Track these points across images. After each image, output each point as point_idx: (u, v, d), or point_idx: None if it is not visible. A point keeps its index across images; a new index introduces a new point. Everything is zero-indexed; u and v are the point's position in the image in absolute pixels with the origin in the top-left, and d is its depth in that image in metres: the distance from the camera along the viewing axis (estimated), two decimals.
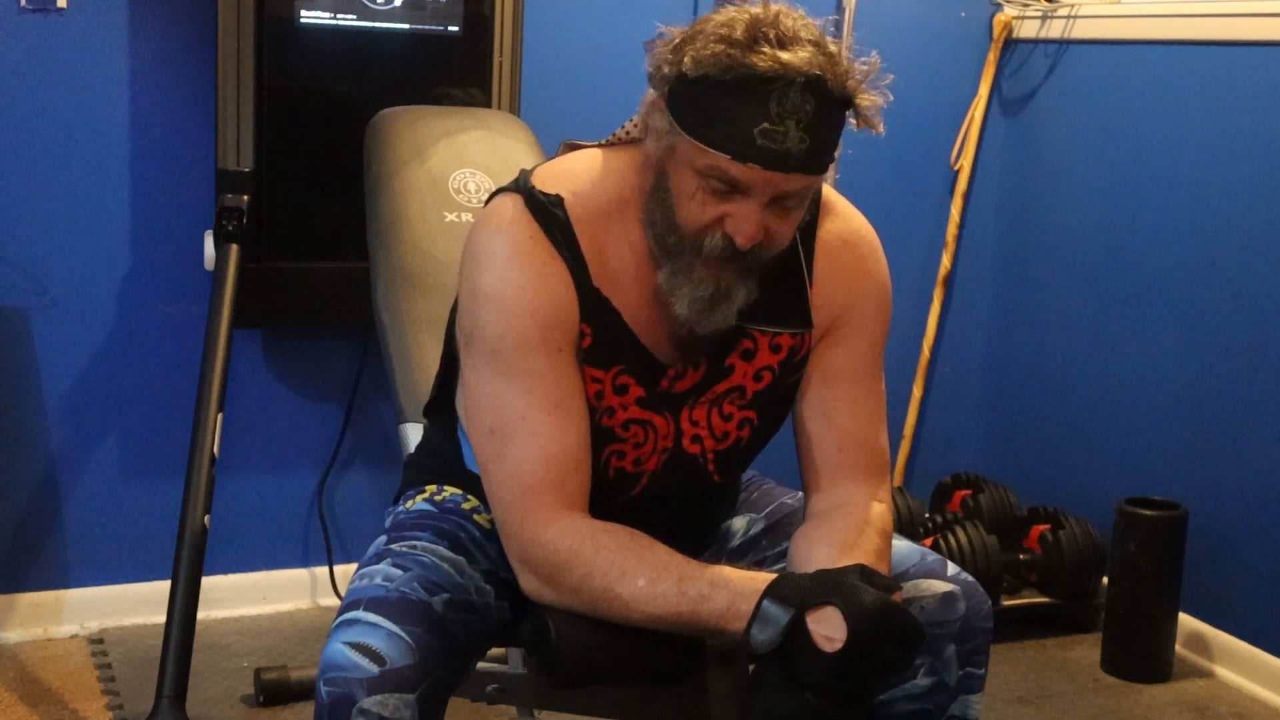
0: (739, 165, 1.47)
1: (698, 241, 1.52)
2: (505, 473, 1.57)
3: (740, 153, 1.46)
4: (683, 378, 1.65)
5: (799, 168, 1.48)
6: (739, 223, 1.50)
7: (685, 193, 1.52)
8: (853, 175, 3.26)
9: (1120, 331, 3.23)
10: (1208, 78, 3.01)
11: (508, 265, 1.57)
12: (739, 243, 1.51)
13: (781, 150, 1.46)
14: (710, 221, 1.51)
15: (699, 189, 1.51)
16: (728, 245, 1.52)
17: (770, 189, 1.49)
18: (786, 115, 1.46)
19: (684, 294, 1.55)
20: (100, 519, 2.93)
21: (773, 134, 1.46)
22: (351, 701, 1.43)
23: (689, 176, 1.51)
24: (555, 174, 1.63)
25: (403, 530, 1.67)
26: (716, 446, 1.68)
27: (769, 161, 1.47)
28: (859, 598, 1.42)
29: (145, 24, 2.81)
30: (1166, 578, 2.93)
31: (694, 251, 1.53)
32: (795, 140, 1.46)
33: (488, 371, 1.58)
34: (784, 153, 1.46)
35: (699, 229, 1.52)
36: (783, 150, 1.46)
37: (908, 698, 1.63)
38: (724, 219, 1.51)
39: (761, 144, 1.46)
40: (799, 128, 1.46)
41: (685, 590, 1.49)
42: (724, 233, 1.51)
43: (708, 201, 1.51)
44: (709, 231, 1.52)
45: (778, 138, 1.46)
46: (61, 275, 2.83)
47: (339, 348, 3.03)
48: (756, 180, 1.48)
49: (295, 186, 2.78)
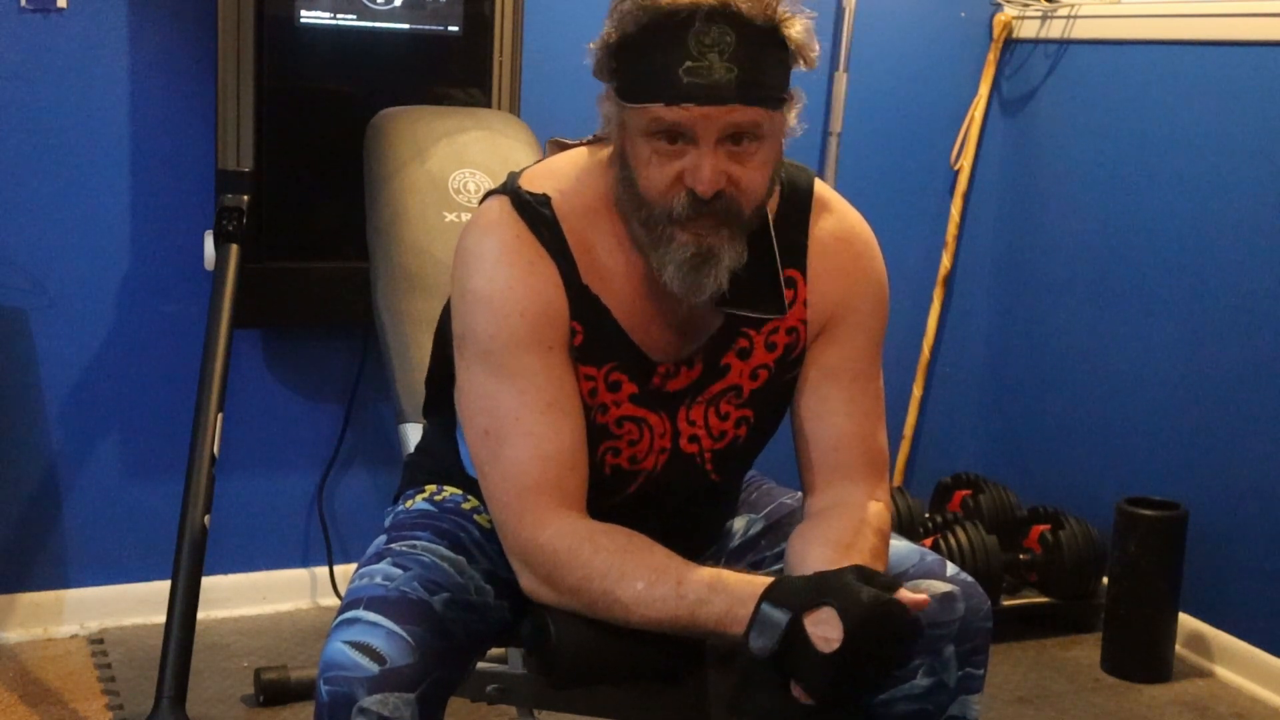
0: (673, 109, 1.47)
1: (665, 205, 1.52)
2: (501, 473, 1.57)
3: (670, 95, 1.46)
4: (675, 376, 1.65)
5: (733, 98, 1.47)
6: (695, 172, 1.50)
7: (641, 160, 1.51)
8: (853, 175, 3.26)
9: (1120, 331, 3.23)
10: (1208, 78, 3.01)
11: (496, 266, 1.57)
12: (700, 191, 1.49)
13: (709, 83, 1.46)
14: (670, 182, 1.51)
15: (652, 153, 1.51)
16: (693, 199, 1.51)
17: (712, 126, 1.48)
18: (707, 49, 1.46)
19: (669, 264, 1.54)
20: (100, 519, 2.94)
21: (696, 69, 1.46)
22: (352, 701, 1.43)
23: (640, 144, 1.51)
24: (542, 174, 1.63)
25: (403, 530, 1.67)
26: (714, 446, 1.68)
27: (699, 97, 1.46)
28: (855, 597, 1.42)
29: (145, 24, 2.81)
30: (1166, 578, 2.93)
31: (665, 218, 1.52)
32: (721, 71, 1.46)
33: (480, 373, 1.58)
34: (712, 84, 1.46)
35: (661, 192, 1.51)
36: (710, 83, 1.46)
37: (907, 698, 1.63)
38: (682, 175, 1.50)
39: (688, 82, 1.46)
40: (723, 58, 1.46)
41: (683, 594, 1.49)
42: (686, 188, 1.51)
43: (663, 163, 1.50)
44: (672, 192, 1.51)
45: (702, 72, 1.46)
46: (61, 275, 2.83)
47: (339, 348, 3.03)
48: (694, 120, 1.47)
49: (295, 186, 2.79)
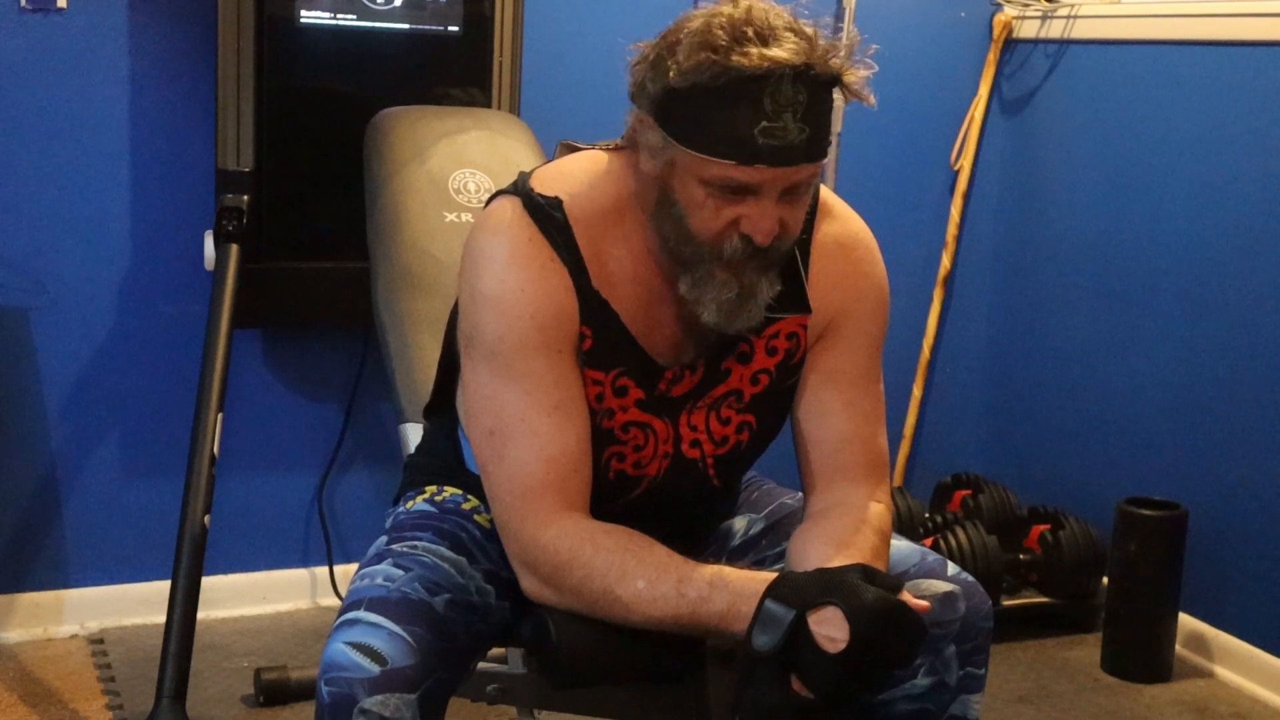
0: (745, 169, 1.47)
1: (716, 247, 1.52)
2: (505, 474, 1.57)
3: (745, 156, 1.46)
4: (680, 381, 1.65)
5: (803, 158, 1.48)
6: (755, 222, 1.50)
7: (694, 203, 1.51)
8: (853, 175, 3.26)
9: (1120, 331, 3.23)
10: (1208, 78, 3.01)
11: (507, 268, 1.56)
12: (758, 241, 1.51)
13: (784, 145, 1.46)
14: (725, 226, 1.51)
15: (708, 197, 1.50)
16: (747, 245, 1.51)
17: (779, 184, 1.49)
18: (782, 110, 1.46)
19: (710, 299, 1.54)
20: (100, 519, 2.93)
21: (772, 130, 1.46)
22: (353, 701, 1.43)
23: (695, 187, 1.50)
24: (554, 176, 1.63)
25: (403, 531, 1.67)
26: (716, 451, 1.68)
27: (774, 159, 1.47)
28: (860, 596, 1.42)
29: (145, 24, 2.81)
30: (1166, 578, 2.93)
31: (714, 258, 1.53)
32: (795, 132, 1.47)
33: (487, 373, 1.58)
34: (786, 147, 1.47)
35: (715, 234, 1.52)
36: (785, 145, 1.46)
37: (908, 698, 1.63)
38: (738, 221, 1.51)
39: (764, 143, 1.46)
40: (796, 119, 1.46)
41: (685, 592, 1.49)
42: (741, 234, 1.51)
43: (719, 208, 1.50)
44: (725, 236, 1.51)
45: (778, 134, 1.46)
46: (61, 275, 2.83)
47: (339, 348, 3.03)
48: (765, 179, 1.48)
49: (295, 186, 2.78)
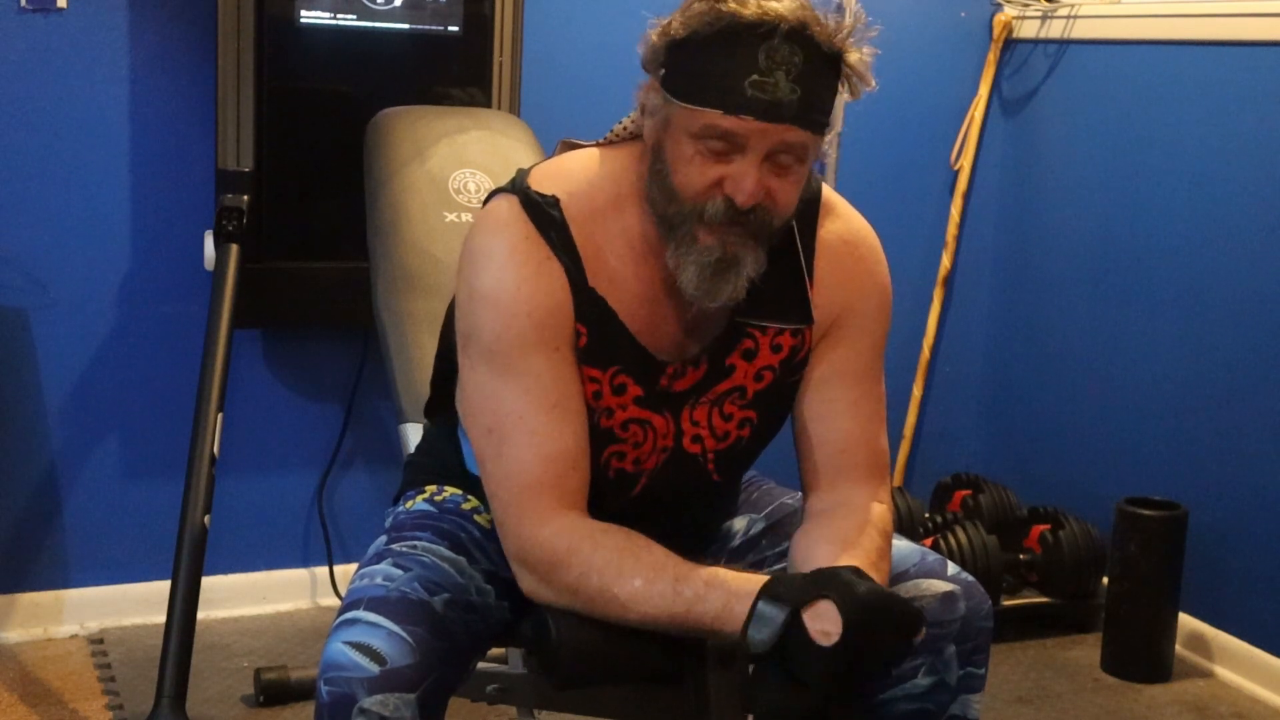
0: (731, 118, 1.47)
1: (698, 206, 1.52)
2: (503, 472, 1.57)
3: (732, 104, 1.47)
4: (682, 376, 1.65)
5: (792, 118, 1.48)
6: (738, 181, 1.50)
7: (682, 158, 1.52)
8: (853, 175, 3.26)
9: (1120, 331, 3.23)
10: (1208, 78, 3.01)
11: (504, 266, 1.57)
12: (739, 201, 1.50)
13: (772, 100, 1.47)
14: (709, 184, 1.51)
15: (695, 153, 1.51)
16: (729, 207, 1.51)
17: (765, 141, 1.49)
18: (775, 66, 1.47)
19: (690, 264, 1.54)
20: (100, 519, 2.93)
21: (762, 84, 1.47)
22: (352, 701, 1.43)
23: (685, 142, 1.51)
24: (551, 174, 1.63)
25: (403, 530, 1.67)
26: (717, 446, 1.68)
27: (761, 112, 1.47)
28: (853, 590, 1.43)
29: (145, 24, 2.81)
30: (1166, 578, 2.93)
31: (695, 218, 1.53)
32: (786, 90, 1.47)
33: (485, 372, 1.58)
34: (775, 102, 1.47)
35: (698, 193, 1.52)
36: (774, 100, 1.47)
37: (908, 697, 1.63)
38: (722, 181, 1.51)
39: (752, 94, 1.47)
40: (789, 78, 1.47)
41: (681, 591, 1.49)
42: (724, 195, 1.51)
43: (705, 164, 1.51)
44: (708, 195, 1.52)
45: (768, 88, 1.47)
46: (61, 275, 2.83)
47: (339, 348, 3.03)
48: (751, 132, 1.48)
49: (295, 186, 2.78)
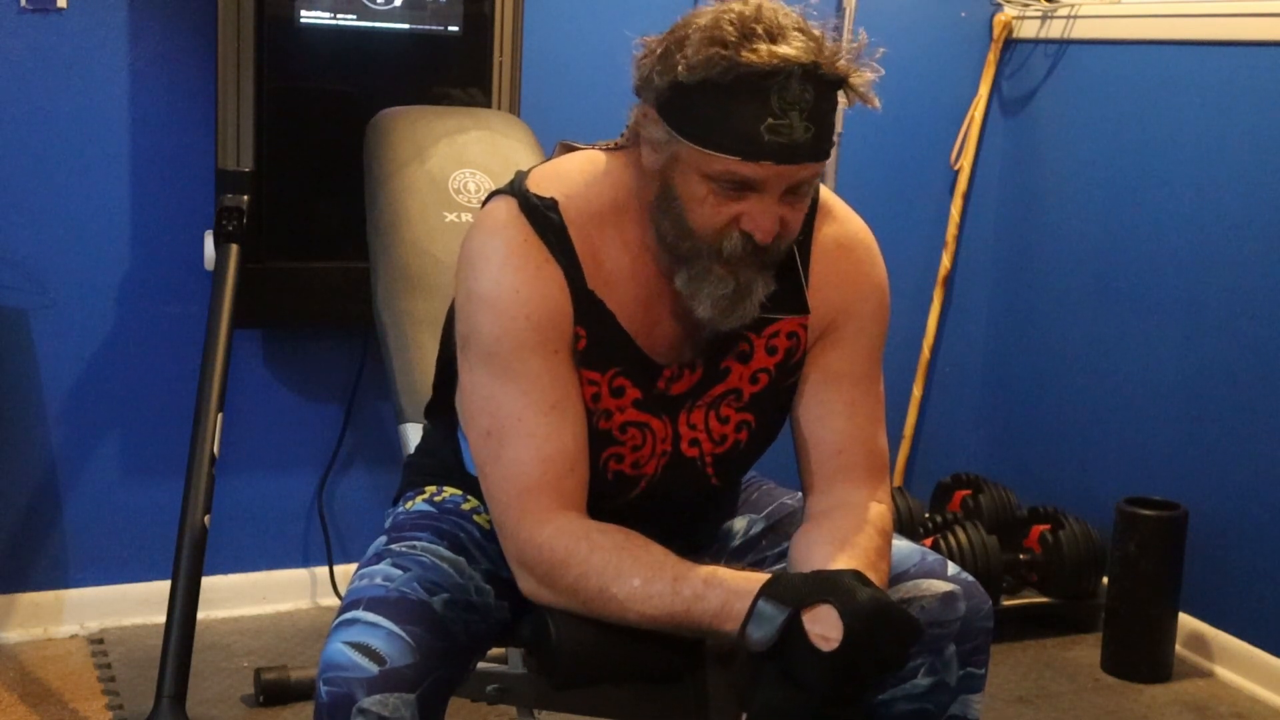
0: (750, 165, 1.47)
1: (715, 244, 1.52)
2: (501, 474, 1.57)
3: (750, 152, 1.47)
4: (679, 379, 1.65)
5: (808, 157, 1.49)
6: (757, 219, 1.50)
7: (695, 198, 1.51)
8: (853, 175, 3.26)
9: (1120, 331, 3.23)
10: (1208, 78, 3.01)
11: (502, 269, 1.56)
12: (759, 239, 1.51)
13: (790, 143, 1.47)
14: (725, 223, 1.51)
15: (709, 193, 1.50)
16: (747, 243, 1.52)
17: (783, 182, 1.49)
18: (789, 107, 1.46)
19: (705, 295, 1.54)
20: (100, 519, 2.93)
21: (778, 128, 1.46)
22: (351, 701, 1.43)
23: (697, 182, 1.50)
24: (550, 176, 1.63)
25: (403, 530, 1.67)
26: (715, 450, 1.68)
27: (779, 156, 1.47)
28: (854, 596, 1.42)
29: (145, 24, 2.81)
30: (1166, 578, 2.93)
31: (712, 255, 1.53)
32: (801, 130, 1.47)
33: (484, 374, 1.58)
34: (792, 145, 1.47)
35: (715, 231, 1.52)
36: (790, 143, 1.47)
37: (908, 697, 1.63)
38: (739, 218, 1.51)
39: (769, 140, 1.46)
40: (803, 118, 1.47)
41: (680, 590, 1.49)
42: (741, 231, 1.51)
43: (720, 203, 1.51)
44: (725, 232, 1.52)
45: (784, 131, 1.46)
46: (61, 275, 2.83)
47: (339, 348, 3.03)
48: (769, 176, 1.48)
49: (295, 186, 2.78)
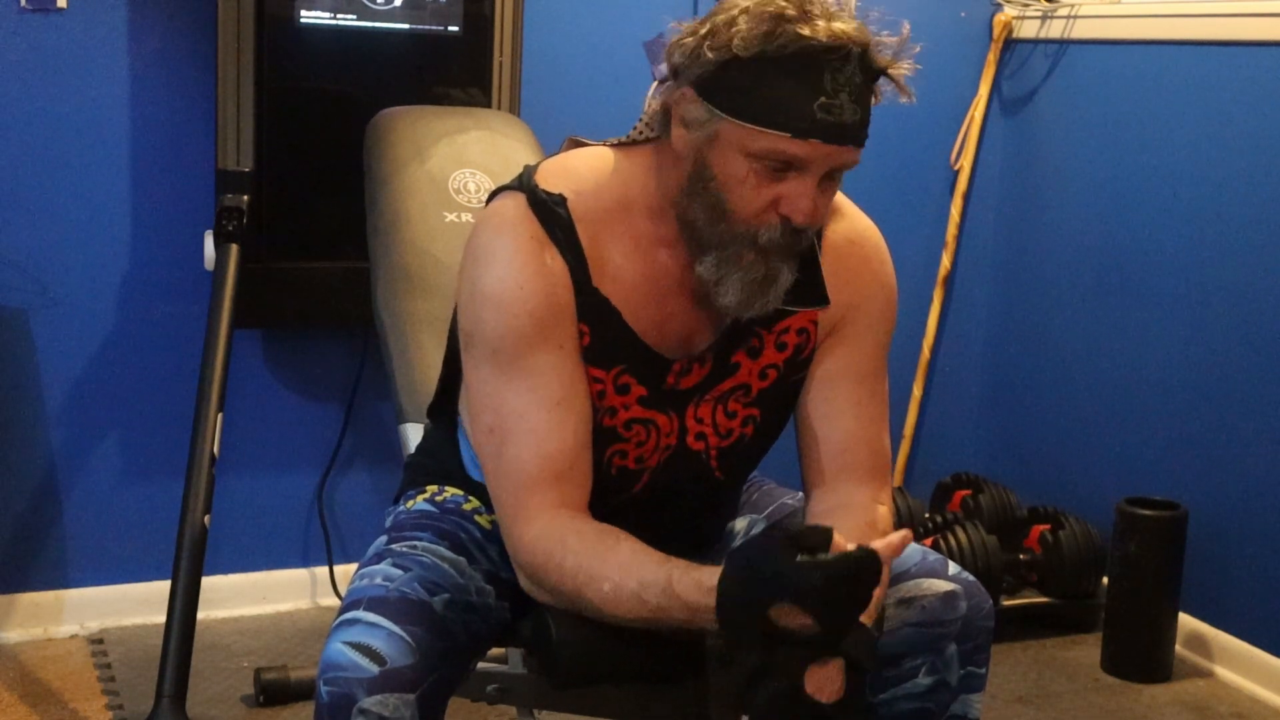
0: (799, 143, 1.46)
1: (752, 228, 1.51)
2: (502, 471, 1.57)
3: (802, 129, 1.46)
4: (688, 373, 1.65)
5: (854, 140, 1.49)
6: (796, 201, 1.49)
7: (735, 178, 1.50)
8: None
9: (1120, 331, 3.23)
10: (1208, 78, 3.01)
11: (508, 265, 1.56)
12: (797, 221, 1.50)
13: (839, 123, 1.46)
14: (765, 205, 1.50)
15: (750, 172, 1.49)
16: (786, 228, 1.51)
17: (827, 164, 1.49)
18: (840, 88, 1.46)
19: (734, 281, 1.53)
20: (100, 519, 2.93)
21: (830, 107, 1.46)
22: (352, 701, 1.43)
23: (738, 161, 1.49)
24: (558, 172, 1.62)
25: (403, 530, 1.67)
26: (720, 444, 1.68)
27: (829, 135, 1.47)
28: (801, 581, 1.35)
29: (145, 24, 2.81)
30: (1166, 578, 2.93)
31: (746, 240, 1.52)
32: (850, 112, 1.47)
33: (488, 370, 1.58)
34: (841, 125, 1.47)
35: (755, 213, 1.51)
36: (839, 123, 1.46)
37: (909, 696, 1.63)
38: (779, 200, 1.50)
39: (821, 118, 1.46)
40: (852, 99, 1.47)
41: (645, 599, 1.47)
42: (780, 215, 1.50)
43: (761, 184, 1.49)
44: (765, 216, 1.51)
45: (835, 110, 1.46)
46: (61, 275, 2.83)
47: (339, 348, 3.03)
48: (816, 156, 1.48)
49: (295, 186, 2.78)
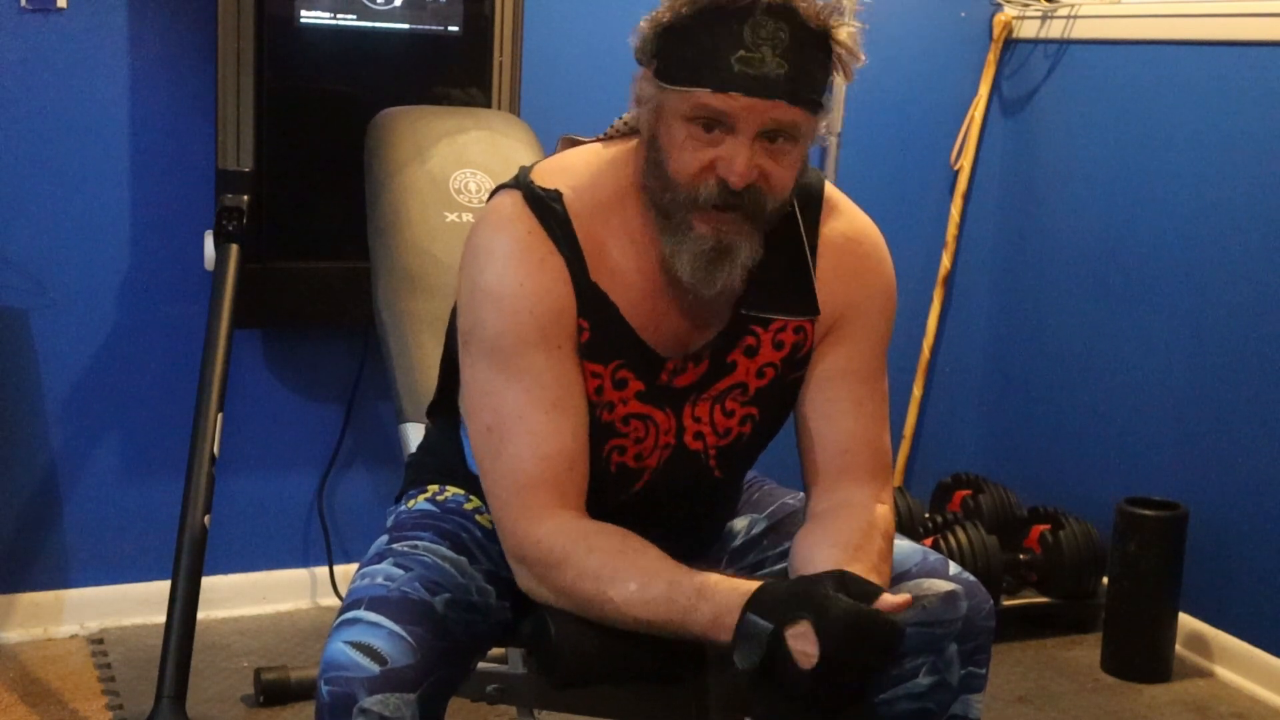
0: (720, 95, 1.48)
1: (692, 191, 1.52)
2: (501, 470, 1.57)
3: (719, 82, 1.47)
4: (682, 372, 1.65)
5: (780, 94, 1.48)
6: (729, 161, 1.50)
7: (675, 143, 1.52)
8: (853, 175, 3.26)
9: (1120, 331, 3.23)
10: (1208, 78, 3.01)
11: (507, 263, 1.57)
12: (732, 182, 1.50)
13: (759, 75, 1.47)
14: (702, 167, 1.51)
15: (687, 136, 1.51)
16: (722, 189, 1.51)
17: (755, 119, 1.49)
18: (761, 42, 1.47)
19: (685, 253, 1.54)
20: (100, 519, 2.93)
21: (749, 59, 1.47)
22: (352, 701, 1.43)
23: (678, 126, 1.51)
24: (554, 169, 1.63)
25: (404, 530, 1.67)
26: (719, 443, 1.68)
27: (748, 88, 1.47)
28: (828, 612, 1.40)
29: (145, 24, 2.80)
30: (1166, 578, 2.93)
31: (689, 204, 1.53)
32: (773, 65, 1.47)
33: (486, 369, 1.58)
34: (762, 78, 1.47)
35: (691, 176, 1.52)
36: (760, 75, 1.47)
37: (909, 696, 1.62)
38: (715, 163, 1.51)
39: (739, 70, 1.47)
40: (775, 53, 1.47)
41: (674, 597, 1.48)
42: (717, 177, 1.51)
43: (697, 147, 1.51)
44: (702, 178, 1.51)
45: (754, 63, 1.47)
46: (61, 275, 2.83)
47: (339, 348, 3.03)
48: (740, 110, 1.48)
49: (295, 186, 2.78)
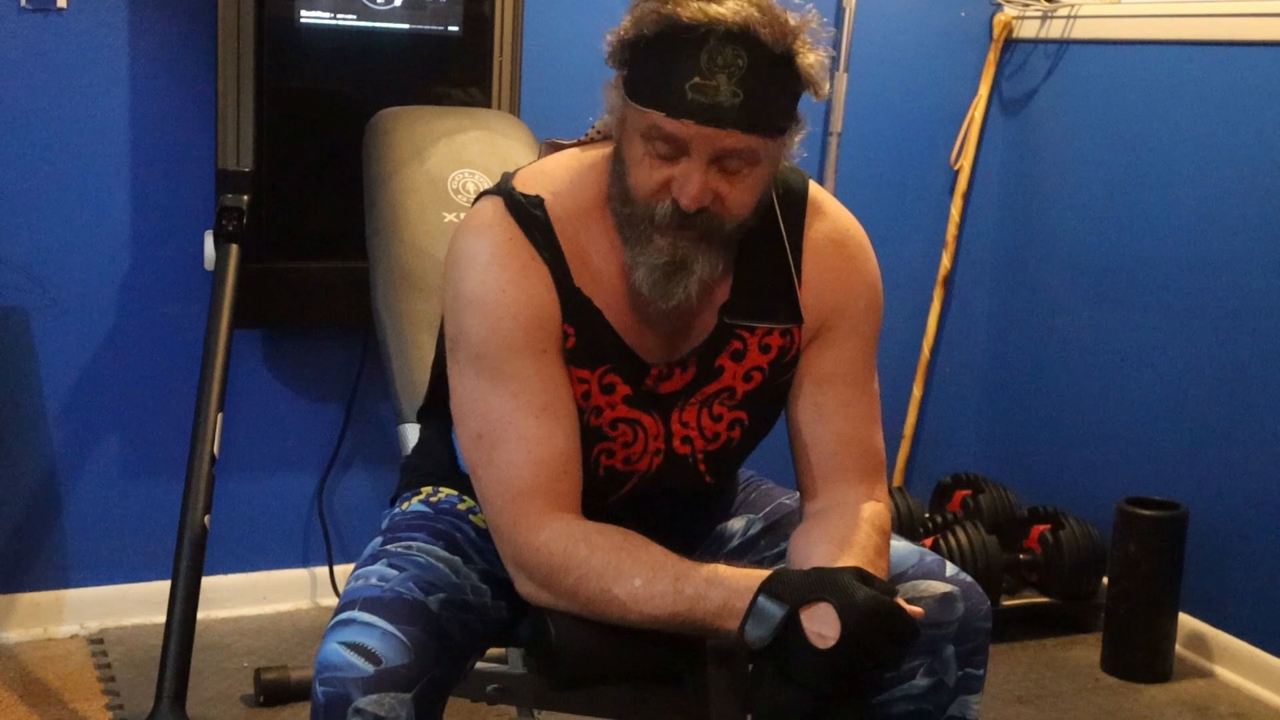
0: (672, 121, 1.48)
1: (650, 208, 1.53)
2: (494, 477, 1.57)
3: (673, 107, 1.47)
4: (668, 379, 1.65)
5: (732, 123, 1.47)
6: (682, 184, 1.50)
7: (635, 159, 1.52)
8: (853, 175, 3.26)
9: (1120, 331, 3.23)
10: (1208, 78, 3.01)
11: (488, 268, 1.57)
12: (683, 204, 1.51)
13: (712, 104, 1.46)
14: (658, 186, 1.52)
15: (645, 154, 1.51)
16: (675, 210, 1.52)
17: (707, 146, 1.49)
18: (717, 69, 1.46)
19: (641, 266, 1.55)
20: (100, 519, 2.94)
21: (703, 88, 1.46)
22: (347, 701, 1.43)
23: (637, 143, 1.52)
24: (535, 175, 1.64)
25: (398, 531, 1.67)
26: (707, 447, 1.68)
27: (700, 116, 1.47)
28: (852, 595, 1.43)
29: (145, 24, 2.81)
30: (1166, 578, 2.93)
31: (647, 219, 1.53)
32: (727, 94, 1.46)
33: (473, 376, 1.58)
34: (715, 106, 1.46)
35: (648, 194, 1.52)
36: (713, 104, 1.46)
37: (906, 698, 1.63)
38: (670, 183, 1.51)
39: (693, 98, 1.46)
40: (731, 82, 1.46)
41: (681, 589, 1.49)
42: (672, 197, 1.51)
43: (654, 165, 1.51)
44: (658, 197, 1.52)
45: (708, 91, 1.46)
46: (61, 275, 2.83)
47: (339, 348, 3.03)
48: (692, 136, 1.48)
49: (295, 186, 2.79)
